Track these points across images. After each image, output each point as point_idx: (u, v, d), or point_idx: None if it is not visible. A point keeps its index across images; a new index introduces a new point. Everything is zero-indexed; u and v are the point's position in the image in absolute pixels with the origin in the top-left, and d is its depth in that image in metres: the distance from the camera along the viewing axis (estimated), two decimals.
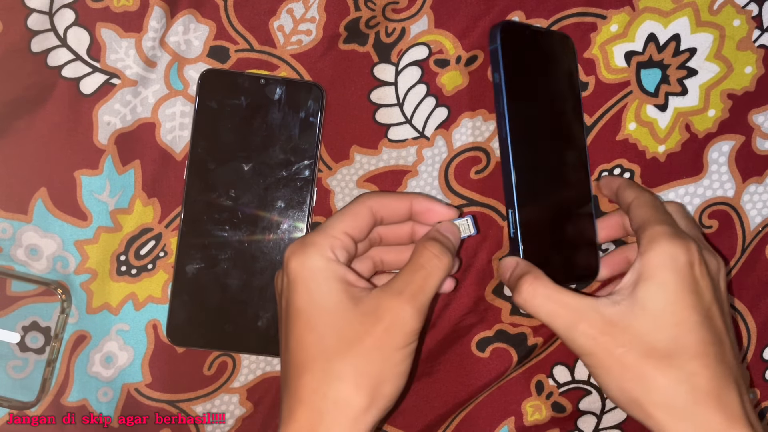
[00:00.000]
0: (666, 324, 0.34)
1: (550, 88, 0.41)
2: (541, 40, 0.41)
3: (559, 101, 0.41)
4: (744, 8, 0.42)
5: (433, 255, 0.36)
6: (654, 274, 0.35)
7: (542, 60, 0.40)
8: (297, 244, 0.35)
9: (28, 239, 0.42)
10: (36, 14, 0.40)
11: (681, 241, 0.35)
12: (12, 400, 0.42)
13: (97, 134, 0.41)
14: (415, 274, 0.35)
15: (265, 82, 0.41)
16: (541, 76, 0.40)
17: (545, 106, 0.40)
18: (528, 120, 0.39)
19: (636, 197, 0.39)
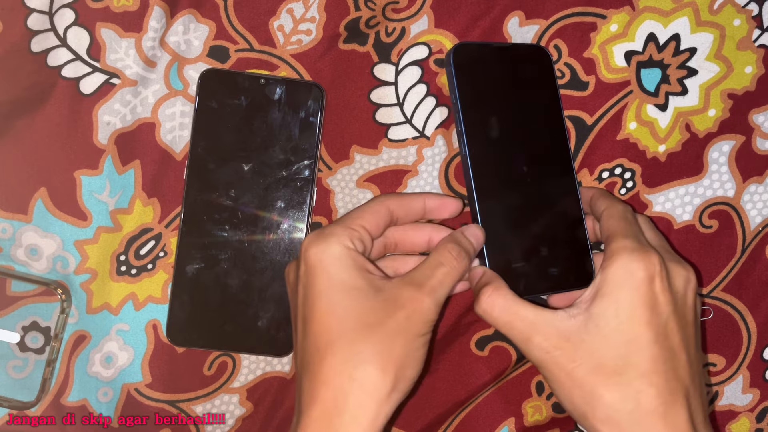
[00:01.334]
0: (617, 342, 0.34)
1: (518, 102, 0.40)
2: (504, 56, 0.41)
3: (530, 113, 0.41)
4: (744, 8, 0.42)
5: (453, 257, 0.36)
6: (610, 291, 0.35)
7: (505, 76, 0.41)
8: (315, 235, 0.36)
9: (28, 239, 0.42)
10: (36, 14, 0.40)
11: (641, 255, 0.35)
12: (12, 400, 0.42)
13: (97, 134, 0.41)
14: (435, 269, 0.36)
15: (265, 82, 0.41)
16: (504, 92, 0.40)
17: (511, 120, 0.40)
18: (490, 136, 0.39)
19: (607, 208, 0.39)
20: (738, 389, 0.47)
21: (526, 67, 0.41)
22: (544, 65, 0.42)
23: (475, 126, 0.39)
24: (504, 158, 0.40)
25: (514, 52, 0.41)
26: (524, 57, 0.41)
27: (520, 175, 0.40)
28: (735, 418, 0.47)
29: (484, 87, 0.40)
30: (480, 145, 0.39)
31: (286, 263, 0.42)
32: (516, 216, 0.40)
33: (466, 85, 0.40)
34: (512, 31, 0.42)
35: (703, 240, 0.45)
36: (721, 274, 0.45)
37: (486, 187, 0.39)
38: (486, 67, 0.40)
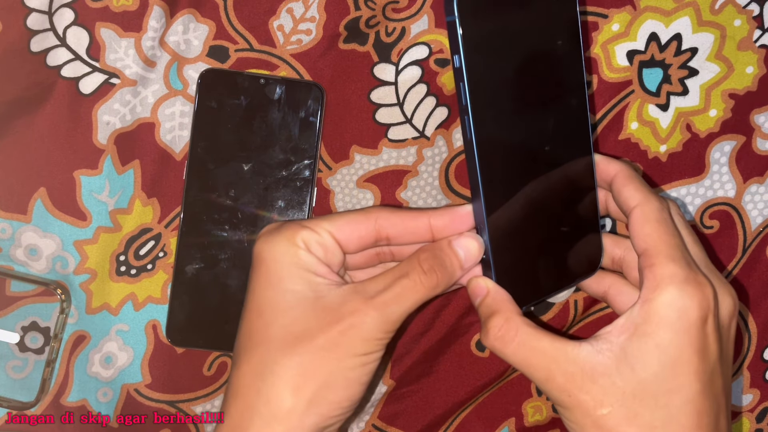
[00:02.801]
0: (656, 390, 0.29)
1: (537, 64, 0.33)
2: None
3: (551, 78, 0.33)
4: (745, 8, 0.42)
5: (422, 270, 0.31)
6: (654, 330, 0.30)
7: (521, 25, 0.32)
8: (270, 226, 0.33)
9: (27, 239, 0.42)
10: (35, 14, 0.40)
11: (695, 289, 0.30)
12: (11, 400, 0.42)
13: (96, 134, 0.41)
14: (395, 280, 0.31)
15: (264, 82, 0.41)
16: (518, 49, 0.32)
17: (529, 91, 0.32)
18: (502, 112, 0.32)
19: (640, 204, 0.32)
20: (738, 390, 0.47)
21: (547, 11, 0.32)
22: (567, 6, 0.33)
23: (484, 99, 0.31)
24: (517, 141, 0.32)
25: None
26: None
27: (534, 161, 0.33)
28: (735, 419, 0.47)
29: (497, 46, 0.31)
30: (489, 125, 0.31)
31: None
32: (528, 211, 0.33)
33: (474, 43, 0.30)
34: None
35: (704, 240, 0.45)
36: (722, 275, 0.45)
37: (495, 181, 0.32)
38: (499, 16, 0.31)
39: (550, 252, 0.34)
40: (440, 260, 0.32)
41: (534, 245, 0.34)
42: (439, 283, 0.32)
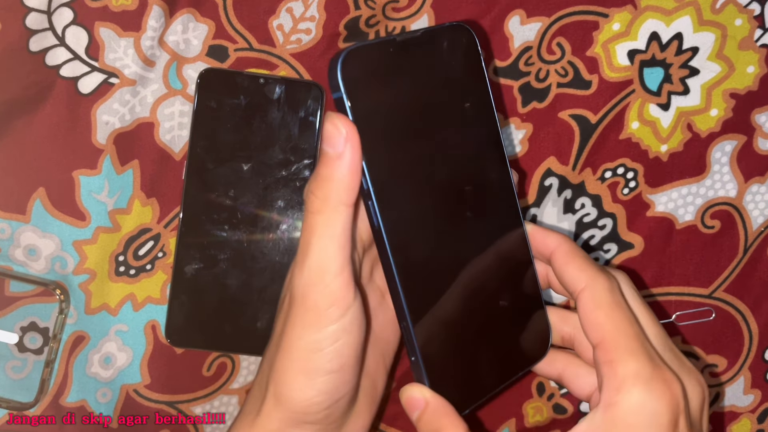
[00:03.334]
0: None
1: (440, 128, 0.30)
2: (411, 53, 0.29)
3: (460, 146, 0.31)
4: (746, 8, 0.42)
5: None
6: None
7: (421, 93, 0.30)
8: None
9: (26, 239, 0.42)
10: (34, 13, 0.40)
11: (664, 388, 0.28)
12: (10, 400, 0.42)
13: (95, 134, 0.41)
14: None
15: (264, 82, 0.41)
16: (421, 120, 0.29)
17: (434, 159, 0.30)
18: (409, 190, 0.29)
19: (588, 287, 0.30)
20: (739, 390, 0.46)
21: (444, 65, 0.30)
22: (468, 55, 0.31)
23: (388, 179, 0.29)
24: (434, 221, 0.30)
25: (422, 42, 0.29)
26: (437, 48, 0.30)
27: (458, 242, 0.30)
28: (736, 419, 0.47)
29: (396, 119, 0.29)
30: (398, 208, 0.29)
31: (286, 263, 0.42)
32: (458, 299, 0.30)
33: (369, 120, 0.28)
34: (513, 29, 0.42)
35: (705, 240, 0.44)
36: (723, 275, 0.45)
37: (414, 272, 0.29)
38: (394, 84, 0.29)
39: (491, 340, 0.31)
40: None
41: (472, 336, 0.31)
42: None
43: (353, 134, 0.28)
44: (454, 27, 0.30)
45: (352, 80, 0.27)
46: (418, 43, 0.29)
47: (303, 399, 0.30)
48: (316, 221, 0.29)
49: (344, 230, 0.29)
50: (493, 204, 0.31)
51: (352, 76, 0.27)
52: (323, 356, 0.30)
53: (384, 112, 0.29)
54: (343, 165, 0.28)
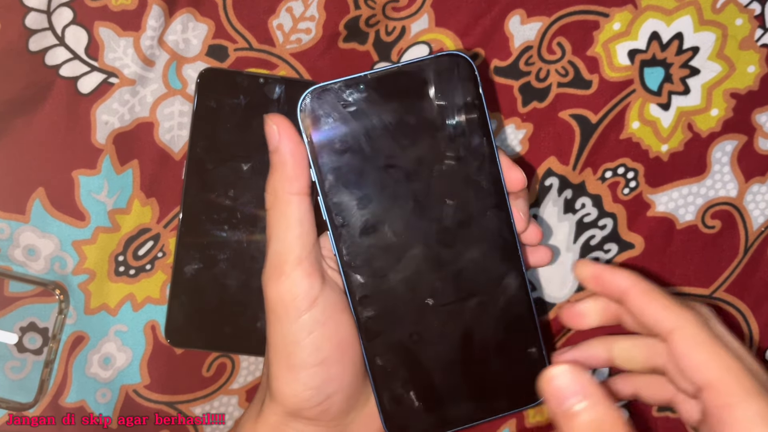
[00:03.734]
0: None
1: (422, 167, 0.30)
2: (390, 91, 0.29)
3: (445, 187, 0.30)
4: (746, 7, 0.42)
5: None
6: None
7: (403, 115, 0.29)
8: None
9: (25, 239, 0.42)
10: (34, 13, 0.40)
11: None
12: (10, 401, 0.42)
13: (95, 134, 0.41)
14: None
15: (264, 81, 0.41)
16: (401, 144, 0.29)
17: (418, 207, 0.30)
18: (375, 228, 0.30)
19: (680, 327, 0.28)
20: None
21: (432, 95, 0.29)
22: (465, 88, 0.29)
23: (350, 216, 0.30)
24: (407, 273, 0.30)
25: (402, 79, 0.29)
26: (425, 78, 0.29)
27: (421, 261, 0.30)
28: None
29: (367, 157, 0.29)
30: (351, 228, 0.30)
31: None
32: (418, 329, 0.30)
33: (333, 159, 0.29)
34: (514, 29, 0.42)
35: (705, 240, 0.44)
36: (724, 275, 0.45)
37: (370, 295, 0.30)
38: (356, 119, 0.29)
39: (464, 378, 0.31)
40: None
41: (438, 372, 0.31)
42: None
43: (286, 127, 0.30)
44: (447, 56, 0.30)
45: (312, 118, 0.30)
46: (397, 76, 0.29)
47: (291, 394, 0.31)
48: (270, 216, 0.30)
49: (299, 220, 0.30)
50: (478, 231, 0.30)
51: (312, 115, 0.30)
52: (302, 349, 0.30)
53: (344, 139, 0.30)
54: (282, 156, 0.30)
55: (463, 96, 0.29)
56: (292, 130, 0.30)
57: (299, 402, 0.31)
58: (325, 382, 0.31)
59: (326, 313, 0.30)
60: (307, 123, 0.30)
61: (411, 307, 0.30)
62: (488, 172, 0.30)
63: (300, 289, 0.30)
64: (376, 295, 0.30)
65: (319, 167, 0.30)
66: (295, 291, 0.30)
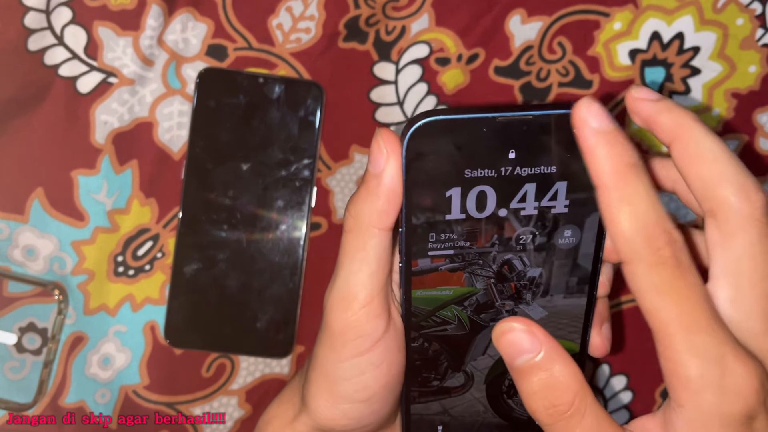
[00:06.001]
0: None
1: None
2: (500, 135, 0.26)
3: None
4: (747, 7, 0.42)
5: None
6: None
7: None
8: None
9: (24, 240, 0.42)
10: (33, 12, 0.40)
11: (733, 391, 0.23)
12: (9, 401, 0.42)
13: (94, 134, 0.41)
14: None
15: (263, 81, 0.41)
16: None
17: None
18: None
19: (735, 237, 0.24)
20: None
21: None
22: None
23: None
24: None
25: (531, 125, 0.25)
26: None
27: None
28: None
29: (464, 207, 0.27)
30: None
31: (285, 264, 0.42)
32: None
33: (426, 201, 0.26)
34: (514, 29, 0.42)
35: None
36: None
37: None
38: (463, 161, 0.26)
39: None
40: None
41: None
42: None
43: (396, 152, 0.25)
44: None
45: (419, 151, 0.25)
46: (524, 124, 0.25)
47: (327, 417, 0.29)
48: (347, 240, 0.27)
49: (377, 255, 0.27)
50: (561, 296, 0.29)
51: (420, 148, 0.25)
52: (348, 386, 0.29)
53: (445, 181, 0.26)
54: (379, 185, 0.26)
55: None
56: (400, 157, 0.25)
57: (335, 426, 0.30)
58: (365, 416, 0.30)
59: (383, 356, 0.28)
60: (412, 155, 0.25)
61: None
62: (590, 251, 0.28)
63: (364, 331, 0.28)
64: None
65: (410, 203, 0.26)
66: (359, 331, 0.28)
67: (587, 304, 0.29)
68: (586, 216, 0.27)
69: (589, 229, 0.27)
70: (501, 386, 0.31)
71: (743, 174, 0.24)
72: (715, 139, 0.24)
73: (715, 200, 0.24)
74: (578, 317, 0.29)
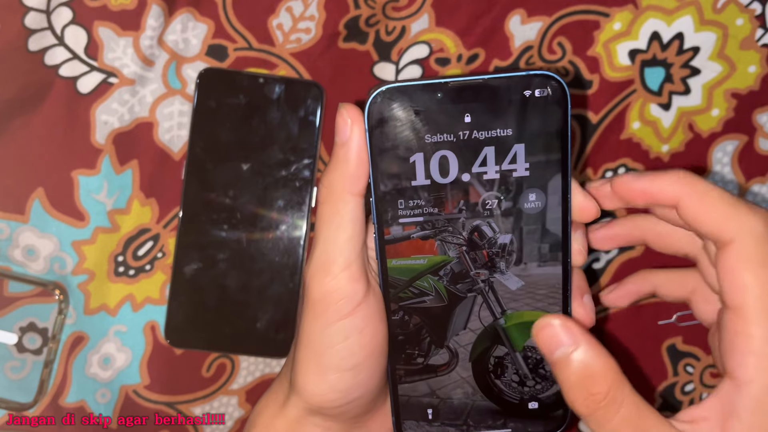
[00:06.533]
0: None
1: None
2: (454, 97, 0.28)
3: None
4: (747, 7, 0.42)
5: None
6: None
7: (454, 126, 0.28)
8: None
9: (25, 240, 0.42)
10: (33, 12, 0.40)
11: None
12: (9, 401, 0.42)
13: (94, 134, 0.41)
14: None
15: (264, 81, 0.41)
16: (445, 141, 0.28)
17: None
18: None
19: (738, 241, 0.26)
20: None
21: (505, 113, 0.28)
22: (551, 113, 0.28)
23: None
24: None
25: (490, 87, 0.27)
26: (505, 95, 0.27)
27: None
28: None
29: (428, 169, 0.28)
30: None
31: (285, 264, 0.42)
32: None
33: (392, 165, 0.28)
34: (514, 29, 0.42)
35: None
36: None
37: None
38: (424, 126, 0.28)
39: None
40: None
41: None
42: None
43: (359, 122, 0.27)
44: (539, 77, 0.27)
45: (379, 119, 0.28)
46: (478, 89, 0.27)
47: (316, 393, 0.30)
48: (323, 211, 0.29)
49: (352, 220, 0.28)
50: (537, 260, 0.30)
51: (380, 115, 0.28)
52: (335, 353, 0.29)
53: (408, 146, 0.28)
54: (348, 152, 0.28)
55: (547, 122, 0.28)
56: (363, 125, 0.28)
57: (323, 401, 0.30)
58: (352, 387, 0.30)
59: (365, 321, 0.29)
60: (374, 122, 0.28)
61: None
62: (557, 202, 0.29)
63: (344, 293, 0.29)
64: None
65: (377, 170, 0.28)
66: (339, 294, 0.29)
67: (563, 272, 0.29)
68: (548, 179, 0.28)
69: (554, 192, 0.28)
70: (486, 364, 0.31)
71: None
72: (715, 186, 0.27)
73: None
74: (556, 287, 0.30)
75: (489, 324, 0.30)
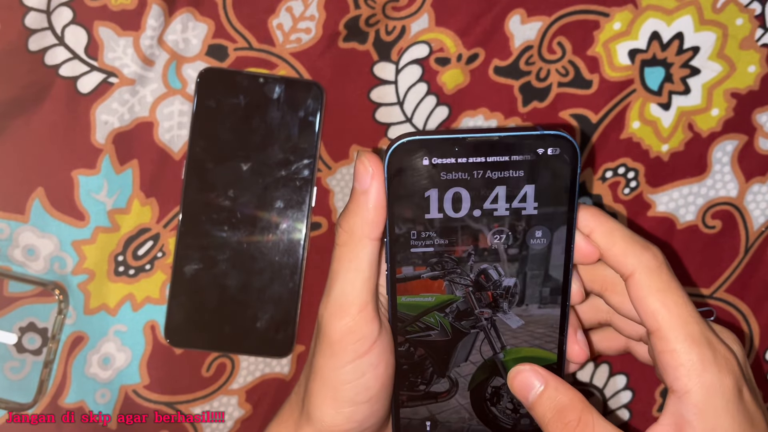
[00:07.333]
0: None
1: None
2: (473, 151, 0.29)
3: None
4: (747, 7, 0.42)
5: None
6: (704, 424, 0.28)
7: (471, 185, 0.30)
8: None
9: (25, 239, 0.42)
10: (33, 12, 0.40)
11: (724, 362, 0.29)
12: (9, 401, 0.42)
13: (94, 133, 0.41)
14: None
15: (264, 81, 0.41)
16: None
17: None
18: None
19: (638, 272, 0.30)
20: None
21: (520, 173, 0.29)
22: (561, 173, 0.30)
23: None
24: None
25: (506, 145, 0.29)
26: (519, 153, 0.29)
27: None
28: None
29: (445, 219, 0.30)
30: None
31: (285, 264, 0.42)
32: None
33: (408, 214, 0.30)
34: (514, 29, 0.42)
35: (706, 240, 0.44)
36: (724, 275, 0.45)
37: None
38: (440, 179, 0.29)
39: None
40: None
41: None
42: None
43: (379, 170, 0.29)
44: (553, 137, 0.29)
45: (398, 168, 0.29)
46: (495, 145, 0.29)
47: (332, 424, 0.31)
48: (342, 253, 0.30)
49: (369, 264, 0.30)
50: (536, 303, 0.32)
51: (399, 165, 0.29)
52: (351, 388, 0.31)
53: (423, 197, 0.29)
54: (368, 200, 0.29)
55: (556, 176, 0.29)
56: (383, 175, 0.29)
57: (338, 431, 0.32)
58: (367, 417, 0.32)
59: (379, 357, 0.31)
60: (393, 172, 0.29)
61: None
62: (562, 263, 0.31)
63: (362, 334, 0.30)
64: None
65: (393, 215, 0.30)
66: (357, 335, 0.30)
67: (561, 315, 0.32)
68: (554, 226, 0.30)
69: (558, 241, 0.30)
70: (484, 393, 0.33)
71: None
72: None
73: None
74: (553, 327, 0.32)
75: (489, 357, 0.32)
